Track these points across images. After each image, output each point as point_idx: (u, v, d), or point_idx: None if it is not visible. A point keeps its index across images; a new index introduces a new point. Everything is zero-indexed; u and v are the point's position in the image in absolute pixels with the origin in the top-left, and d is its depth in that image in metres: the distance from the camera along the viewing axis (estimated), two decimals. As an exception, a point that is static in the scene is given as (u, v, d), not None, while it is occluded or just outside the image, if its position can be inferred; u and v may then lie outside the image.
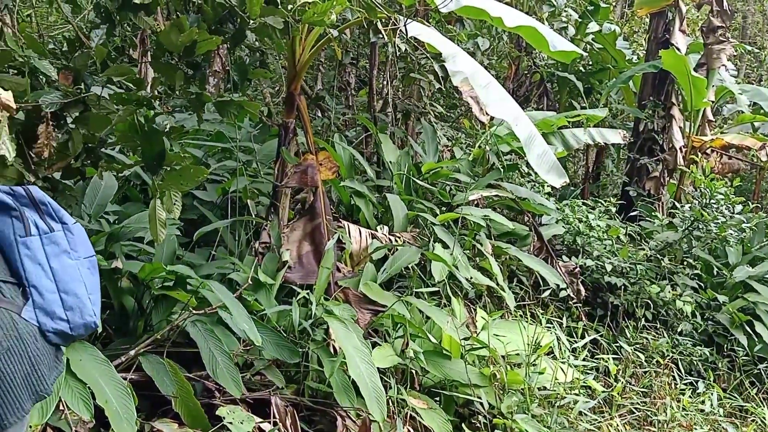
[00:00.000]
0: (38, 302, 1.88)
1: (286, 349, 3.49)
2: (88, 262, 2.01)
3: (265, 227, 4.37)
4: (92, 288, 2.00)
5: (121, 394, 2.94)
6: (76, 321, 1.92)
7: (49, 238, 1.93)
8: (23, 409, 1.83)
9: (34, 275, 1.89)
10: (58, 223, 1.96)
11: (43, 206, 1.95)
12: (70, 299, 1.92)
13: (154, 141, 2.81)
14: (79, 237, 2.01)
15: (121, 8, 2.79)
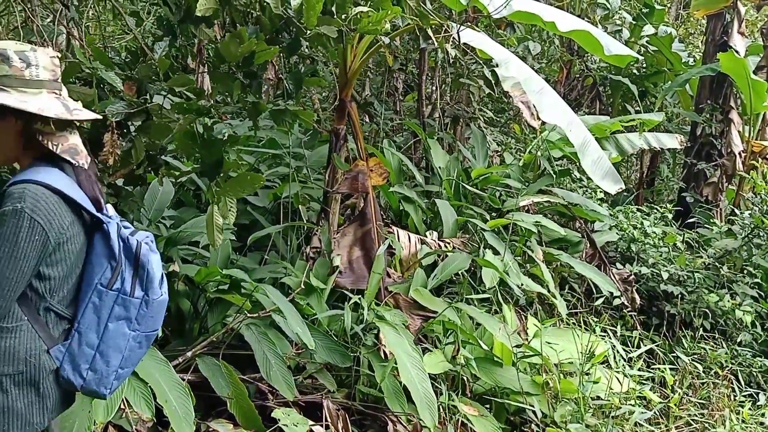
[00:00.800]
0: (72, 348, 1.87)
1: (337, 353, 3.53)
2: (144, 336, 1.97)
3: (316, 232, 4.43)
4: (128, 362, 1.95)
5: (180, 394, 3.02)
6: (90, 385, 1.90)
7: (124, 301, 1.89)
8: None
9: (86, 324, 1.88)
10: (142, 292, 1.90)
11: (141, 270, 1.89)
12: (100, 363, 1.90)
13: (212, 149, 2.89)
14: (153, 312, 1.94)
15: (183, 21, 2.88)
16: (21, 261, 1.72)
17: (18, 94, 1.77)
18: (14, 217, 1.71)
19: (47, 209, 1.75)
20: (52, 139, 1.83)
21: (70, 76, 2.85)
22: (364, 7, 2.80)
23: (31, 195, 1.73)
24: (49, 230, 1.75)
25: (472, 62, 5.83)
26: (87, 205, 1.86)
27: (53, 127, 1.82)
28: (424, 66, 5.82)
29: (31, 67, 1.80)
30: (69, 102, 1.87)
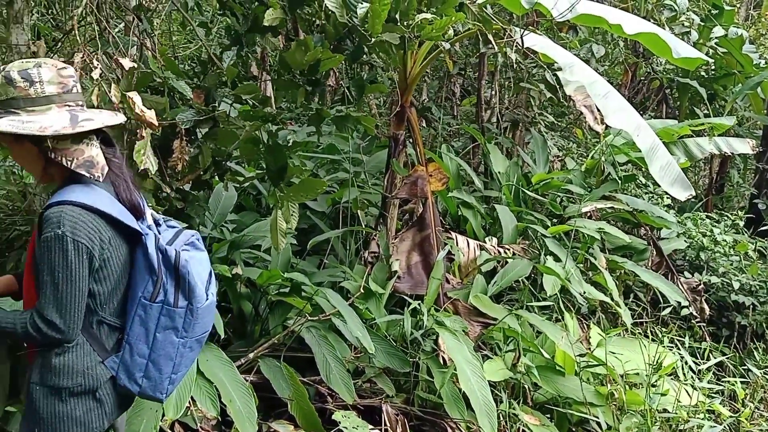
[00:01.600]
0: (125, 359, 1.94)
1: (396, 358, 3.53)
2: (194, 341, 2.00)
3: (374, 237, 4.45)
4: (180, 367, 2.00)
5: (244, 394, 3.09)
6: (146, 392, 1.97)
7: (169, 312, 1.92)
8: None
9: (135, 335, 1.93)
10: (185, 301, 1.93)
11: (182, 281, 1.91)
12: (153, 371, 1.95)
13: (277, 155, 2.95)
14: (199, 318, 1.97)
15: (249, 30, 2.95)
16: (78, 281, 1.78)
17: (26, 114, 1.78)
18: (58, 242, 1.74)
19: (86, 229, 1.78)
20: (66, 155, 1.82)
21: (142, 85, 2.95)
22: (428, 14, 2.80)
23: (68, 218, 1.75)
24: (92, 248, 1.79)
25: (532, 66, 5.76)
26: (125, 218, 1.88)
27: (68, 141, 1.81)
28: (483, 70, 5.78)
29: (35, 84, 1.79)
30: (82, 112, 1.85)
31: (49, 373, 1.87)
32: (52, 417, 1.88)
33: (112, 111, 2.06)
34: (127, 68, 2.52)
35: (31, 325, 1.78)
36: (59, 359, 1.86)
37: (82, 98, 1.90)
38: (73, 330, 1.82)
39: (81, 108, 1.87)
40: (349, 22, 2.66)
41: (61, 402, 1.88)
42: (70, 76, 1.86)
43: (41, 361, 1.88)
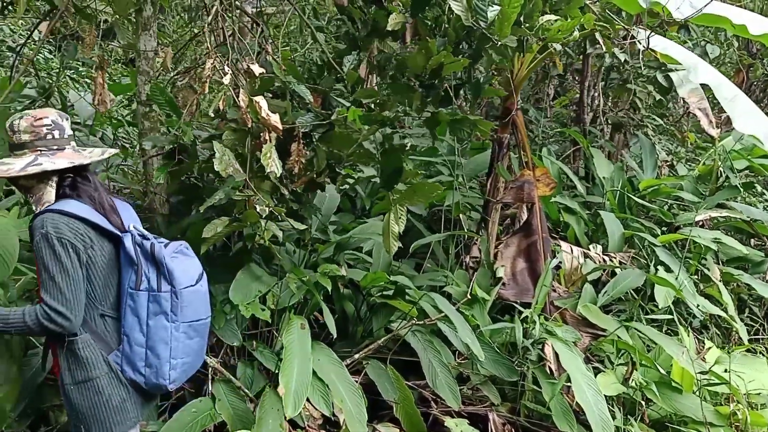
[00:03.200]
0: (126, 351, 2.13)
1: (504, 366, 3.47)
2: (187, 326, 2.16)
3: (476, 242, 4.40)
4: (179, 353, 2.15)
5: (354, 395, 3.11)
6: (151, 380, 2.14)
7: (155, 297, 2.11)
8: (110, 429, 2.11)
9: (130, 326, 2.12)
10: (168, 285, 2.11)
11: (162, 266, 2.11)
12: (152, 357, 2.12)
13: (392, 158, 2.95)
14: (187, 301, 2.15)
15: (368, 35, 2.97)
16: (71, 271, 1.99)
17: (9, 158, 2.10)
18: (45, 241, 1.99)
19: (67, 227, 2.02)
20: (30, 191, 2.14)
21: (264, 89, 3.03)
22: (552, 16, 2.73)
23: (50, 221, 2.01)
24: (76, 243, 2.02)
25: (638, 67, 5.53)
26: (102, 223, 2.11)
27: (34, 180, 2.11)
28: (587, 71, 5.60)
29: (16, 133, 2.10)
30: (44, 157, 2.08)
31: (77, 370, 2.08)
32: (92, 409, 2.09)
33: (91, 149, 2.28)
34: (258, 74, 2.58)
35: (42, 315, 1.98)
36: (81, 354, 2.07)
37: (59, 143, 2.13)
38: (75, 315, 2.01)
39: (51, 152, 2.11)
40: (474, 25, 2.62)
41: (96, 394, 2.09)
42: (44, 125, 2.12)
43: (66, 364, 2.09)
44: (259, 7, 3.29)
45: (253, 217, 2.91)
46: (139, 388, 2.16)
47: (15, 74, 3.81)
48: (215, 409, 2.95)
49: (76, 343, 2.08)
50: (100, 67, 3.26)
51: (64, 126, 2.16)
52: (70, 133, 2.19)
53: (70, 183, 2.14)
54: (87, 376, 2.09)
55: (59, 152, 2.12)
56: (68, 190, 2.13)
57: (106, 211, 2.17)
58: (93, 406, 2.09)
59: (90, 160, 2.20)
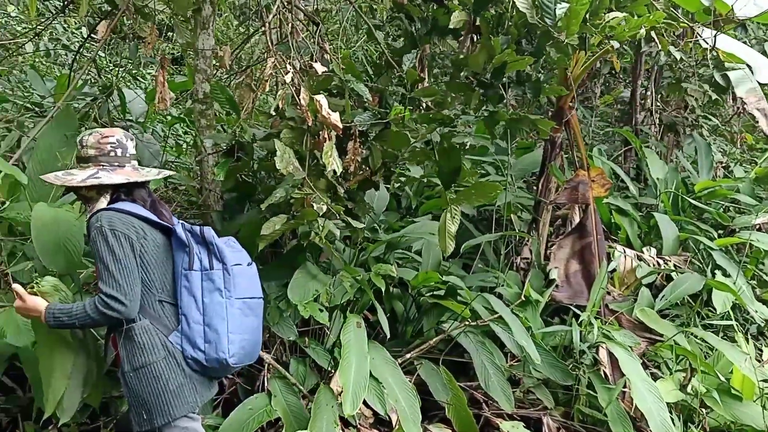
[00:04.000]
0: (185, 329, 2.21)
1: (559, 370, 3.41)
2: (241, 302, 2.26)
3: (527, 243, 4.34)
4: (236, 328, 2.23)
5: (409, 395, 3.10)
6: (211, 354, 2.20)
7: (208, 275, 2.22)
8: (170, 414, 2.16)
9: (186, 305, 2.22)
10: (220, 263, 2.23)
11: (211, 246, 2.24)
12: (210, 333, 2.20)
13: (451, 157, 2.92)
14: (239, 278, 2.26)
15: (428, 33, 2.94)
16: (124, 260, 2.10)
17: (77, 170, 2.27)
18: (99, 234, 2.12)
19: (119, 221, 2.15)
20: (86, 201, 2.31)
21: (322, 87, 3.04)
22: (617, 13, 2.67)
23: (104, 217, 2.15)
24: (129, 234, 2.14)
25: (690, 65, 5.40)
26: (154, 217, 2.25)
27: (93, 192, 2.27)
28: (640, 70, 5.48)
29: (84, 147, 2.28)
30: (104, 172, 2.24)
31: (134, 357, 2.15)
32: (151, 395, 2.15)
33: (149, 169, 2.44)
34: (320, 72, 2.58)
35: (99, 303, 2.08)
36: (137, 340, 2.15)
37: (121, 160, 2.29)
38: (131, 300, 2.10)
39: (112, 168, 2.26)
40: (539, 23, 2.58)
41: (154, 378, 2.15)
42: (109, 143, 2.28)
43: (125, 351, 2.17)
44: (316, 5, 3.28)
45: (312, 215, 2.92)
46: (199, 369, 2.22)
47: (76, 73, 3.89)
48: (271, 405, 2.98)
49: (133, 330, 2.16)
50: (161, 65, 3.31)
51: (127, 145, 2.32)
52: (132, 152, 2.34)
53: (125, 191, 2.29)
54: (144, 361, 2.15)
55: (119, 169, 2.28)
56: (123, 196, 2.28)
57: (156, 211, 2.30)
58: (152, 391, 2.16)
59: (145, 178, 2.35)
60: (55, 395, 2.38)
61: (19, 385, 3.29)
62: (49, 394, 2.39)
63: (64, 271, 2.68)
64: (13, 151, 3.59)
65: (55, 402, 2.39)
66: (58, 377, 2.38)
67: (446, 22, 2.90)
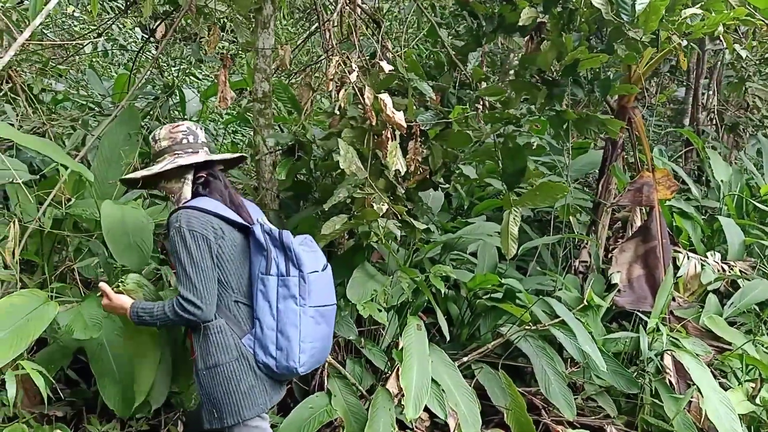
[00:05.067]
0: (258, 334, 2.19)
1: (623, 378, 3.32)
2: (314, 310, 2.22)
3: (585, 245, 4.24)
4: (307, 336, 2.20)
5: (468, 399, 3.05)
6: (282, 362, 2.18)
7: (284, 281, 2.19)
8: (240, 414, 2.15)
9: (261, 309, 2.20)
10: (296, 270, 2.19)
11: (289, 252, 2.20)
12: (282, 340, 2.18)
13: (517, 158, 2.86)
14: (314, 285, 2.21)
15: (494, 31, 2.88)
16: (201, 262, 2.10)
17: (154, 165, 2.29)
18: (178, 234, 2.12)
19: (198, 221, 2.14)
20: (168, 191, 2.33)
21: (384, 86, 3.00)
22: (694, 10, 2.57)
23: (183, 217, 2.15)
24: (206, 235, 2.13)
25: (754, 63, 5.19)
26: (232, 216, 2.23)
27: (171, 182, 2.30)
28: (703, 68, 5.30)
29: (157, 141, 2.33)
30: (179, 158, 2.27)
31: (207, 355, 2.16)
32: (222, 395, 2.15)
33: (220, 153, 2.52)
34: (387, 71, 2.55)
35: (177, 305, 2.09)
36: (212, 340, 2.15)
37: (194, 146, 2.32)
38: (207, 304, 2.10)
39: (187, 154, 2.29)
40: (615, 20, 2.49)
41: (225, 379, 2.16)
42: (180, 131, 2.32)
43: (200, 350, 2.17)
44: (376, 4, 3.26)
45: (373, 215, 2.89)
46: (269, 373, 2.21)
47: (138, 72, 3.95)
48: (331, 405, 2.96)
49: (209, 329, 2.16)
50: (223, 64, 3.33)
51: (198, 133, 2.35)
52: (203, 140, 2.37)
53: (203, 181, 2.30)
54: (217, 360, 2.16)
55: (194, 154, 2.31)
56: (201, 189, 2.30)
57: (235, 206, 2.29)
58: (223, 390, 2.16)
59: (221, 157, 2.38)
60: (146, 384, 2.42)
61: (83, 379, 3.35)
62: (139, 384, 2.44)
63: (136, 268, 2.71)
64: (78, 149, 3.66)
65: (145, 391, 2.44)
66: (148, 366, 2.42)
67: (513, 19, 2.84)
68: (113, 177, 3.51)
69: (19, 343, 2.45)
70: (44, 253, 3.32)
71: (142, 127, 3.74)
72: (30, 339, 2.48)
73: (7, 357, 2.39)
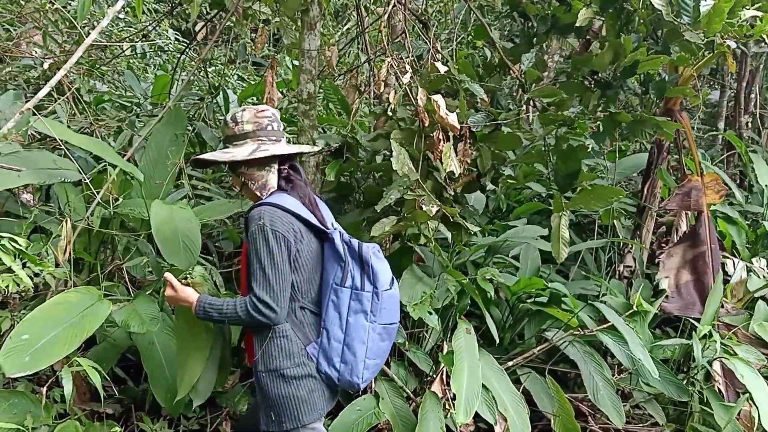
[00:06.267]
0: (324, 344, 2.15)
1: (673, 385, 3.25)
2: (382, 328, 2.17)
3: (630, 250, 4.18)
4: (372, 353, 2.15)
5: (517, 404, 3.01)
6: (344, 376, 2.15)
7: (357, 296, 2.14)
8: (299, 420, 2.12)
9: (330, 320, 2.15)
10: (371, 286, 2.14)
11: (367, 266, 2.14)
12: (348, 354, 2.14)
13: (570, 160, 2.82)
14: (385, 303, 2.16)
15: (547, 32, 2.85)
16: (280, 264, 2.04)
17: (232, 147, 2.18)
18: (260, 232, 2.04)
19: (281, 222, 2.07)
20: (250, 179, 2.19)
21: (435, 87, 2.99)
22: (754, 11, 2.51)
23: (267, 214, 2.06)
24: (288, 236, 2.06)
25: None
26: (311, 218, 2.16)
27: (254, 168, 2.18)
28: (745, 71, 5.20)
29: (239, 124, 2.18)
30: (267, 145, 2.17)
31: (269, 358, 2.12)
32: (281, 398, 2.12)
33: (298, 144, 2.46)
34: (442, 72, 2.54)
35: (251, 305, 2.04)
36: (276, 343, 2.11)
37: (277, 134, 2.22)
38: (281, 308, 2.06)
39: (272, 142, 2.19)
40: (674, 21, 2.45)
41: (285, 383, 2.12)
42: (266, 117, 2.21)
43: (261, 353, 2.13)
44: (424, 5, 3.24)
45: (424, 216, 2.87)
46: (329, 383, 2.18)
47: (180, 73, 3.98)
48: (379, 408, 2.95)
49: (275, 332, 2.12)
50: (270, 66, 3.34)
51: (279, 120, 2.26)
52: (264, 127, 2.23)
53: (286, 175, 2.22)
54: (278, 365, 2.12)
55: (277, 143, 2.21)
56: (284, 183, 2.21)
57: (312, 206, 2.21)
58: (283, 394, 2.13)
59: (311, 150, 2.37)
60: (190, 379, 2.42)
61: (132, 378, 3.38)
62: (184, 378, 2.44)
63: (185, 267, 2.72)
64: (125, 150, 3.70)
65: (189, 385, 2.43)
66: (195, 362, 2.41)
67: (568, 20, 2.80)
68: (159, 177, 3.54)
69: (73, 339, 2.47)
70: (92, 252, 3.36)
71: (187, 128, 3.77)
72: (84, 336, 2.50)
73: (62, 353, 2.41)
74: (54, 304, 2.56)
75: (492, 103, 3.11)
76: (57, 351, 2.40)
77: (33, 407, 2.63)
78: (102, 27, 2.06)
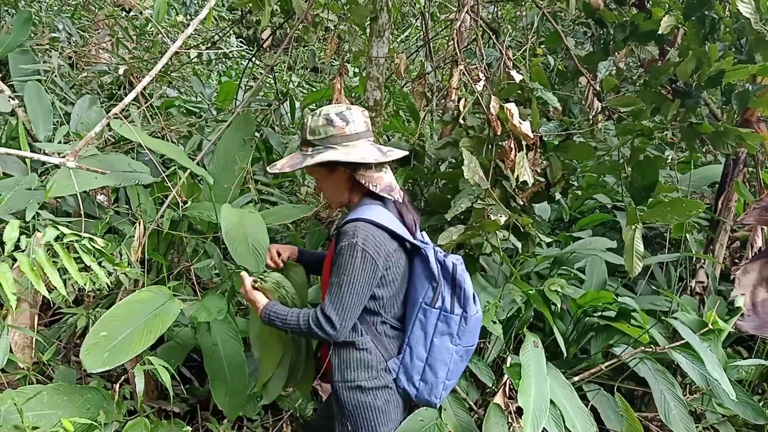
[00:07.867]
0: (406, 361, 2.12)
1: (749, 407, 3.10)
2: (464, 350, 2.13)
3: (702, 265, 4.02)
4: (452, 374, 2.13)
5: (585, 421, 2.91)
6: (423, 395, 2.13)
7: (446, 318, 2.09)
8: (375, 430, 2.10)
9: (415, 339, 2.11)
10: (461, 309, 2.09)
11: (459, 289, 2.09)
12: (429, 374, 2.11)
13: (647, 171, 2.73)
14: (470, 327, 2.11)
15: (625, 40, 2.77)
16: (357, 286, 1.97)
17: (342, 148, 2.05)
18: (350, 250, 1.96)
19: (375, 242, 1.98)
20: (371, 181, 2.08)
21: (506, 95, 2.95)
22: None
23: (361, 231, 1.97)
24: (377, 259, 1.98)
25: None
26: (406, 235, 2.08)
27: (372, 169, 2.08)
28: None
29: (350, 123, 2.06)
30: (381, 146, 2.11)
31: (347, 370, 2.11)
32: (357, 408, 2.11)
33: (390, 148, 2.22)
34: (518, 81, 2.49)
35: (313, 319, 2.01)
36: (356, 356, 2.10)
37: (372, 135, 2.15)
38: (344, 328, 2.01)
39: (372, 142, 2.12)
40: (763, 29, 2.34)
41: (362, 393, 2.11)
42: (368, 117, 2.16)
43: (337, 362, 2.13)
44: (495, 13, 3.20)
45: (493, 226, 2.83)
46: (405, 397, 2.16)
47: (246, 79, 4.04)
48: (441, 419, 2.90)
49: (355, 345, 2.10)
50: (339, 72, 3.36)
51: (367, 121, 2.14)
52: (369, 128, 2.15)
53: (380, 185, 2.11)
54: (356, 377, 2.11)
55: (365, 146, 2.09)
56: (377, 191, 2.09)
57: (405, 220, 2.13)
58: (359, 405, 2.12)
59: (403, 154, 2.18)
60: (263, 377, 2.45)
61: (196, 378, 3.44)
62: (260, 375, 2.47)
63: (254, 270, 2.75)
64: (195, 154, 3.78)
65: (262, 383, 2.46)
66: (269, 360, 2.43)
67: (648, 27, 2.72)
68: (227, 181, 3.61)
69: (148, 336, 2.53)
70: (160, 253, 3.44)
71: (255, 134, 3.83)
72: (158, 333, 2.57)
73: (138, 350, 2.47)
74: (129, 303, 2.64)
75: (564, 112, 3.04)
76: (133, 348, 2.47)
77: (105, 403, 2.70)
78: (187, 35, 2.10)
